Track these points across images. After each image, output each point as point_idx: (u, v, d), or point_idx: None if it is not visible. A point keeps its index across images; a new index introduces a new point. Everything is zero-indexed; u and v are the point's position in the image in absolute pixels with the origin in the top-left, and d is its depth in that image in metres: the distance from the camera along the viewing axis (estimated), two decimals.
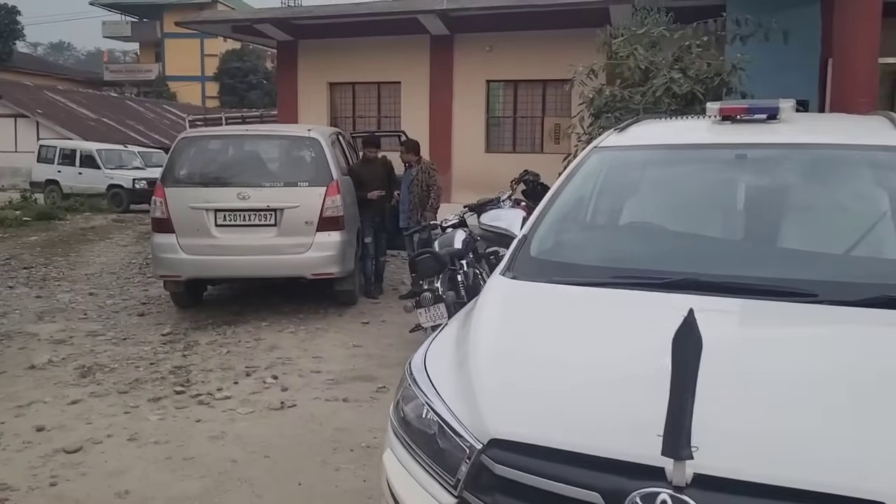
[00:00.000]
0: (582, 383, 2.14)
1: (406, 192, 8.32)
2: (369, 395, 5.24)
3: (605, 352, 2.28)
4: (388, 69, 15.03)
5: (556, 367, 2.24)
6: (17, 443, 4.36)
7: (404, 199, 8.37)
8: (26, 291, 8.75)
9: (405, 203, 8.35)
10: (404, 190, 8.35)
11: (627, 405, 1.94)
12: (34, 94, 33.39)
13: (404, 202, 8.37)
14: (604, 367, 2.20)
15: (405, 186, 8.32)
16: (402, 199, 8.40)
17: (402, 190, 8.36)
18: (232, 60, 47.01)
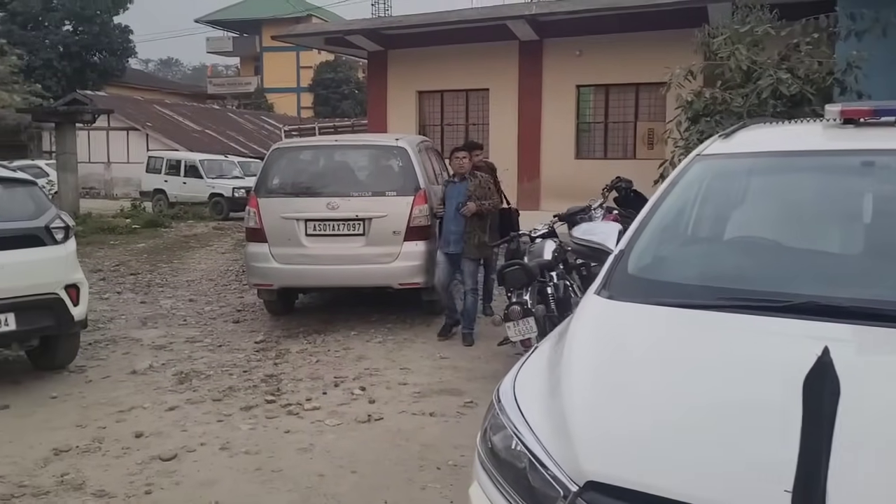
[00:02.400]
0: (691, 422, 1.93)
1: (453, 213, 6.85)
2: (456, 409, 5.14)
3: (717, 386, 2.06)
4: (476, 76, 14.97)
5: (660, 402, 2.04)
6: (117, 448, 4.49)
7: (452, 221, 6.87)
8: (132, 297, 9.13)
9: (454, 224, 6.86)
10: (451, 209, 6.87)
11: (745, 451, 1.73)
12: (144, 108, 35.18)
13: (454, 223, 6.86)
14: (716, 404, 1.98)
15: (453, 203, 6.86)
16: (449, 220, 6.90)
17: (448, 210, 6.90)
18: (325, 72, 48.20)
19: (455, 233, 6.80)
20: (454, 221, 6.81)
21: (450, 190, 6.94)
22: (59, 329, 5.78)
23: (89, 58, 42.03)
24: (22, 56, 31.49)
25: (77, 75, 40.70)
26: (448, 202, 6.89)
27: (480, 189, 6.81)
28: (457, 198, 6.80)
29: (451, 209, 6.83)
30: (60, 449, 4.46)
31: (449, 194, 6.93)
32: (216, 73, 58.56)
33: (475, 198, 6.73)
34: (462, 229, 6.77)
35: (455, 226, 6.81)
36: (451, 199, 6.85)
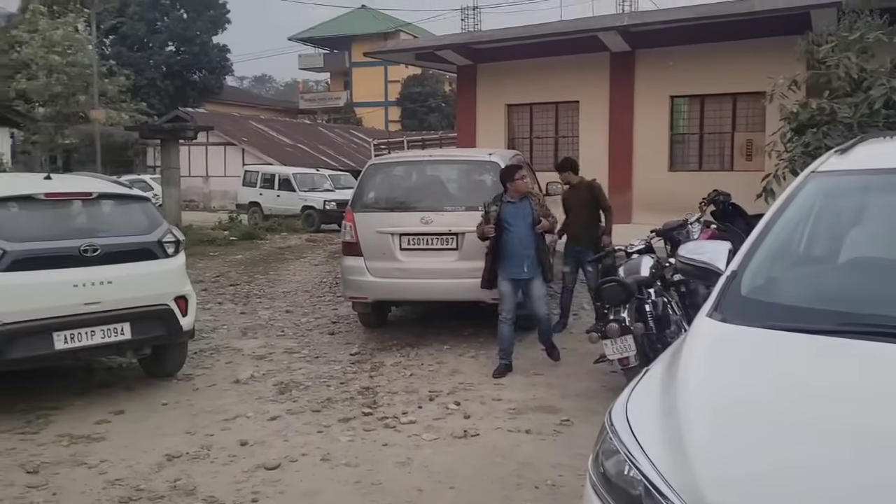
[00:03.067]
0: (815, 452, 1.88)
1: (525, 233, 6.37)
2: (552, 427, 5.10)
3: (847, 417, 1.99)
4: (566, 89, 14.86)
5: (782, 430, 1.98)
6: (224, 456, 4.67)
7: (522, 243, 6.35)
8: (232, 308, 9.48)
9: (525, 246, 6.36)
10: (520, 230, 6.35)
11: (873, 485, 1.67)
12: (240, 124, 36.62)
13: (524, 245, 6.36)
14: (842, 434, 1.91)
15: (521, 224, 6.37)
16: (518, 242, 6.35)
17: (517, 231, 6.34)
18: (413, 86, 48.96)
19: (528, 255, 6.33)
20: (524, 243, 6.34)
21: (509, 210, 6.39)
22: (169, 339, 6.07)
23: (190, 76, 44.15)
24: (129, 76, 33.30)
25: (178, 93, 42.79)
26: (513, 223, 6.35)
27: (542, 208, 6.55)
28: (524, 217, 6.36)
29: (521, 230, 6.34)
30: (172, 455, 4.67)
31: (510, 214, 6.37)
32: (307, 89, 60.30)
33: (538, 217, 6.41)
34: (535, 250, 6.37)
35: (526, 248, 6.34)
36: (517, 219, 6.35)
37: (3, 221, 5.43)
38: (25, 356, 5.29)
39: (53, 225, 5.74)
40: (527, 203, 6.41)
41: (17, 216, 5.58)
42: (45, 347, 5.31)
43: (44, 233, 5.59)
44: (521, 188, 6.41)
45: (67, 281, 5.43)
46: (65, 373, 6.45)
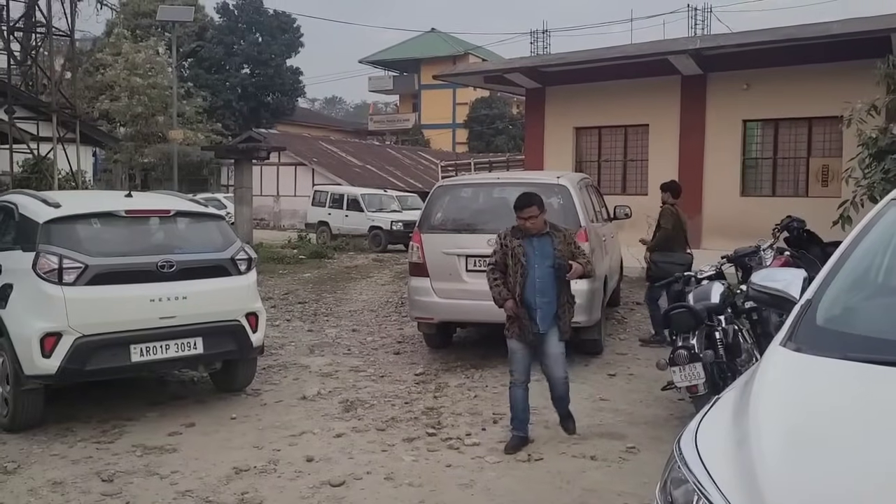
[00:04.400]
0: (892, 489, 1.82)
1: (546, 276, 5.10)
2: (618, 454, 5.01)
3: None
4: (636, 112, 14.72)
5: (858, 464, 1.93)
6: (290, 471, 4.75)
7: (538, 289, 5.11)
8: (300, 325, 9.66)
9: (541, 293, 5.11)
10: (538, 272, 5.10)
11: None
12: (311, 145, 37.49)
13: (540, 292, 5.11)
14: None
15: (540, 264, 5.10)
16: (534, 288, 5.11)
17: (534, 274, 5.10)
18: (481, 108, 49.27)
19: (543, 305, 5.08)
20: (541, 290, 5.07)
21: (527, 248, 5.10)
22: (239, 354, 6.22)
23: (263, 98, 45.53)
24: (206, 98, 34.60)
25: (252, 114, 44.18)
26: (528, 263, 5.08)
27: (568, 247, 5.18)
28: (542, 258, 5.08)
29: (537, 272, 5.06)
30: (240, 468, 4.77)
31: (525, 252, 5.09)
32: (376, 111, 61.40)
33: (563, 259, 5.08)
34: (555, 299, 5.12)
35: (542, 295, 5.08)
36: (533, 258, 5.08)
37: (85, 237, 5.69)
38: (104, 367, 5.50)
39: (133, 241, 5.98)
40: (547, 240, 5.11)
41: (98, 232, 5.85)
42: (122, 359, 5.51)
43: (123, 248, 5.82)
44: (528, 228, 5.09)
45: (145, 296, 5.64)
46: (139, 385, 6.68)
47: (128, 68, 28.27)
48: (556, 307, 5.13)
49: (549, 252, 5.09)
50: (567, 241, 5.20)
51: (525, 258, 5.09)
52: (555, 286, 5.11)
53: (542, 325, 5.12)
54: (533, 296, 5.10)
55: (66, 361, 5.23)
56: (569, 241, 5.22)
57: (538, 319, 5.11)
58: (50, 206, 5.75)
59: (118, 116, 28.85)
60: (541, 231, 5.11)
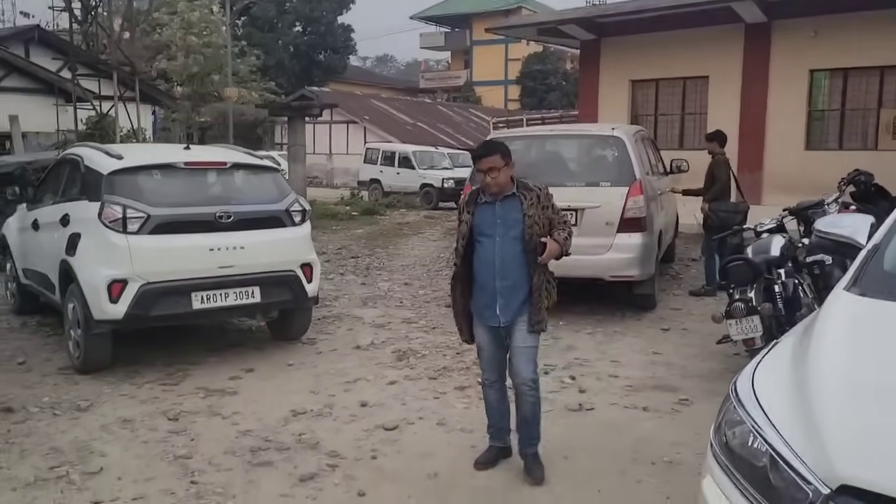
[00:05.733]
0: None
1: (485, 255, 3.85)
2: (671, 406, 4.99)
3: None
4: (695, 63, 14.26)
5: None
6: (345, 415, 4.87)
7: (498, 268, 3.81)
8: (353, 279, 9.80)
9: (503, 274, 3.81)
10: (495, 247, 3.82)
11: None
12: (362, 103, 37.53)
13: (501, 272, 3.81)
14: None
15: (502, 236, 3.81)
16: (489, 266, 3.84)
17: (489, 247, 3.83)
18: (533, 63, 48.44)
19: (505, 289, 3.82)
20: (502, 267, 3.80)
21: (484, 215, 3.85)
22: (295, 303, 6.35)
23: (315, 56, 45.61)
24: (259, 56, 34.79)
25: (304, 73, 44.33)
26: (487, 233, 3.83)
27: (542, 212, 3.79)
28: (506, 226, 3.79)
29: (497, 246, 3.80)
30: (297, 411, 4.91)
31: (484, 221, 3.84)
32: (428, 68, 60.91)
33: (537, 228, 3.75)
34: (525, 282, 3.82)
35: (502, 276, 3.81)
36: (494, 228, 3.81)
37: (146, 188, 5.84)
38: (167, 314, 5.69)
39: (191, 192, 6.11)
40: (515, 204, 3.79)
41: (159, 183, 5.98)
42: (184, 306, 5.69)
43: (183, 199, 5.96)
44: (484, 186, 3.81)
45: (204, 245, 5.78)
46: (200, 332, 6.90)
47: (183, 27, 28.58)
48: (526, 292, 3.82)
49: (515, 219, 3.76)
50: (542, 203, 3.79)
51: (476, 228, 3.84)
52: (524, 266, 3.78)
53: (504, 315, 3.86)
54: (490, 278, 3.82)
55: (131, 307, 5.43)
56: (544, 203, 3.80)
57: (498, 310, 3.85)
58: (113, 158, 5.91)
59: (175, 76, 29.27)
60: (504, 191, 3.77)
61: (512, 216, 3.78)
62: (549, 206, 3.83)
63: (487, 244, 3.83)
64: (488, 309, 3.90)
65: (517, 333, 3.90)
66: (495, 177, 3.73)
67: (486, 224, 3.83)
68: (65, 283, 5.88)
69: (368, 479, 3.95)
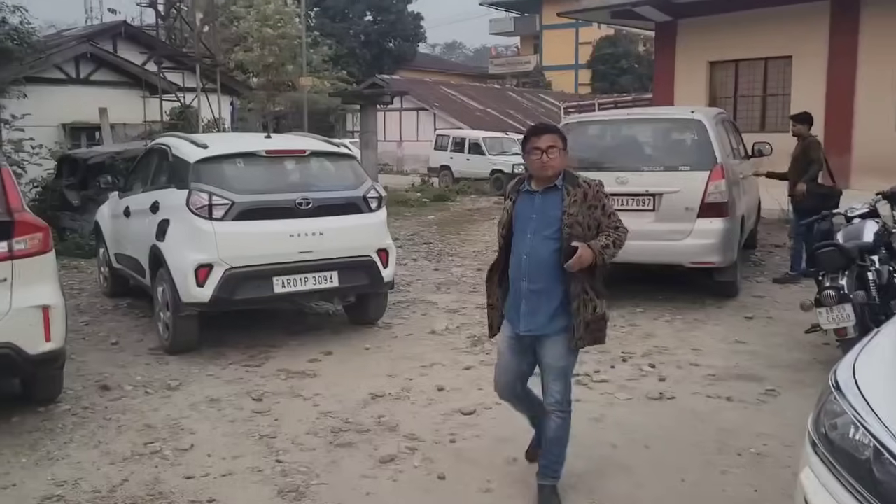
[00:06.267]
0: None
1: (519, 252, 3.45)
2: (756, 396, 4.85)
3: None
4: (777, 43, 13.73)
5: None
6: (423, 399, 4.92)
7: (526, 270, 3.41)
8: (426, 264, 9.87)
9: (534, 277, 3.39)
10: (527, 244, 3.41)
11: None
12: (432, 90, 37.62)
13: (530, 275, 3.40)
14: None
15: (534, 233, 3.40)
16: (521, 267, 3.43)
17: (521, 244, 3.43)
18: (605, 47, 47.54)
19: (538, 292, 3.38)
20: (535, 268, 3.38)
21: (524, 205, 3.46)
22: (371, 288, 6.44)
23: (385, 45, 45.91)
24: (331, 46, 35.24)
25: (375, 61, 44.69)
26: (524, 228, 3.43)
27: (588, 211, 3.35)
28: (545, 222, 3.37)
29: (532, 243, 3.38)
30: (376, 394, 4.99)
31: (523, 212, 3.45)
32: (497, 54, 60.53)
33: (579, 230, 3.30)
34: (553, 289, 3.37)
35: (535, 278, 3.38)
36: (530, 223, 3.41)
37: (230, 175, 6.01)
38: (250, 297, 5.86)
39: (272, 179, 6.26)
40: (555, 198, 3.36)
41: (242, 171, 6.15)
42: (266, 290, 5.85)
43: (264, 186, 6.11)
44: (536, 167, 3.38)
45: (285, 231, 5.92)
46: (280, 315, 7.08)
47: (259, 20, 29.13)
48: (559, 302, 3.36)
49: (553, 216, 3.33)
50: (590, 202, 3.33)
51: (514, 218, 3.45)
52: (556, 269, 3.32)
53: (527, 323, 3.40)
54: (517, 278, 3.43)
55: (217, 291, 5.62)
56: (592, 202, 3.33)
57: (520, 315, 3.41)
58: (199, 147, 6.11)
59: (251, 67, 29.89)
60: (550, 180, 3.36)
61: (550, 212, 3.33)
62: (598, 205, 3.34)
63: (520, 239, 3.42)
64: (513, 310, 3.48)
65: (548, 348, 3.44)
66: (554, 156, 3.30)
67: (524, 216, 3.42)
68: (154, 267, 6.12)
69: (448, 463, 3.99)
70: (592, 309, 3.38)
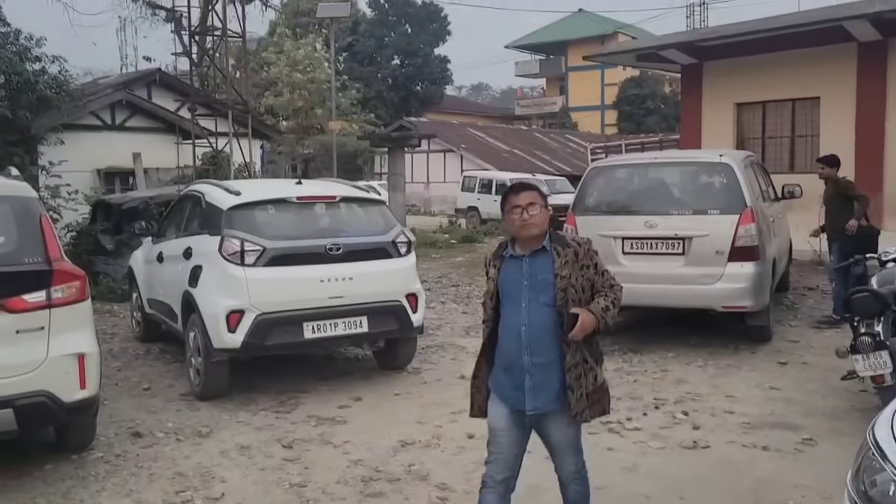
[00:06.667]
0: None
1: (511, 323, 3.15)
2: (793, 445, 4.75)
3: None
4: (805, 84, 13.71)
5: None
6: (453, 447, 4.89)
7: (511, 336, 3.14)
8: (455, 307, 9.87)
9: (529, 349, 3.09)
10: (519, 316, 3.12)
11: None
12: (459, 131, 38.01)
13: (525, 347, 3.09)
14: None
15: (528, 303, 3.11)
16: (514, 338, 3.12)
17: (513, 315, 3.14)
18: (630, 88, 47.83)
19: (539, 367, 3.09)
20: (531, 343, 3.09)
21: (510, 271, 3.17)
22: (401, 333, 6.45)
23: (413, 87, 46.62)
24: (360, 89, 35.89)
25: (402, 103, 45.35)
26: (513, 295, 3.14)
27: (580, 271, 3.11)
28: (538, 290, 3.09)
29: (530, 313, 3.09)
30: (406, 441, 4.97)
31: (510, 279, 3.16)
32: (523, 95, 61.13)
33: (573, 293, 3.07)
34: (558, 359, 3.09)
35: (535, 352, 3.09)
36: (521, 290, 3.12)
37: (262, 222, 6.11)
38: (280, 342, 5.91)
39: (303, 225, 6.36)
40: (545, 260, 3.11)
41: (273, 217, 6.25)
42: (296, 336, 5.89)
43: (295, 232, 6.20)
44: (518, 226, 3.12)
45: (315, 276, 5.98)
46: (310, 360, 7.10)
47: (289, 65, 29.85)
48: (564, 372, 3.07)
49: (545, 280, 3.08)
50: (581, 261, 3.11)
51: (502, 288, 3.17)
52: (560, 338, 3.05)
53: (536, 400, 3.10)
54: (517, 352, 3.10)
55: (248, 336, 5.67)
56: (584, 262, 3.11)
57: (526, 392, 3.10)
58: (232, 194, 6.22)
59: (281, 111, 30.55)
60: (536, 241, 3.12)
61: (541, 276, 3.09)
62: (590, 264, 3.14)
63: (513, 309, 3.12)
64: (515, 389, 3.13)
65: (554, 426, 3.18)
66: (535, 213, 3.07)
67: (513, 284, 3.14)
68: (187, 312, 6.20)
69: None
70: (593, 378, 3.14)
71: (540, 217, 3.10)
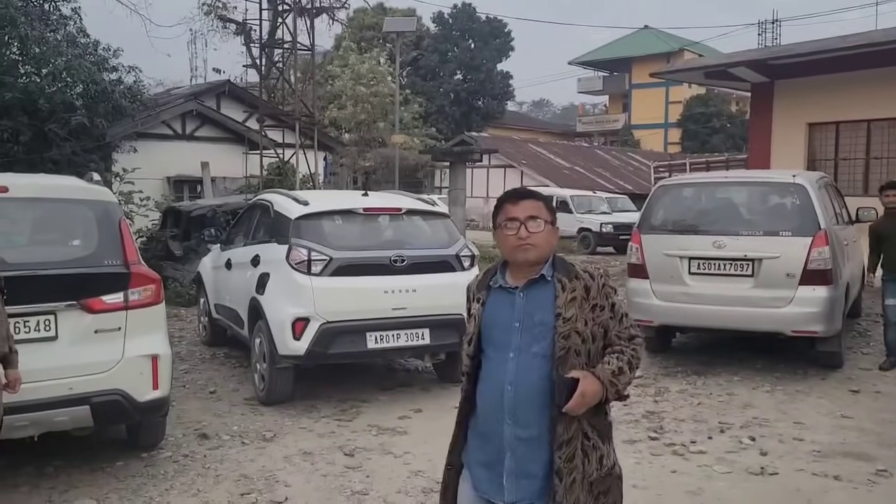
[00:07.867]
0: None
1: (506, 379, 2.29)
2: (866, 476, 4.58)
3: None
4: (881, 104, 13.24)
5: None
6: None
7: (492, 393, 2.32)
8: None
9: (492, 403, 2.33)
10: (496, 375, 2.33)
11: None
12: (519, 147, 37.99)
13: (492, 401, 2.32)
14: None
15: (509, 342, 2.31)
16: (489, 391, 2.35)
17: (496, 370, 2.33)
18: (696, 106, 46.99)
19: (523, 443, 2.29)
20: (515, 407, 2.29)
21: (497, 306, 2.37)
22: (461, 346, 6.44)
23: (474, 102, 46.80)
24: (422, 104, 36.23)
25: (464, 118, 45.56)
26: (495, 339, 2.35)
27: (592, 313, 2.30)
28: (529, 333, 2.30)
29: (518, 365, 2.30)
30: None
31: (494, 318, 2.37)
32: (585, 112, 60.75)
33: (578, 341, 2.26)
34: (548, 432, 2.27)
35: (519, 422, 2.29)
36: (506, 331, 2.33)
37: (329, 232, 6.22)
38: (344, 352, 5.98)
39: (368, 236, 6.44)
40: (547, 296, 2.32)
41: (340, 227, 6.36)
42: (359, 345, 5.95)
43: (361, 243, 6.29)
44: (512, 245, 2.33)
45: (379, 287, 6.04)
46: (371, 370, 7.17)
47: (353, 78, 30.35)
48: (553, 452, 2.25)
49: (544, 323, 2.29)
50: (594, 300, 2.31)
51: (484, 329, 2.38)
52: (549, 404, 2.26)
53: (514, 490, 2.29)
54: (498, 420, 2.32)
55: (312, 344, 5.76)
56: (597, 301, 2.31)
57: (504, 477, 2.30)
58: (300, 204, 6.35)
59: (344, 123, 31.05)
60: (534, 268, 2.34)
61: (539, 317, 2.28)
62: (605, 304, 2.31)
63: (497, 361, 2.32)
64: (488, 469, 2.34)
65: None
66: (537, 231, 2.30)
67: (500, 325, 2.33)
68: (253, 319, 6.34)
69: None
70: (598, 460, 2.30)
71: (543, 237, 2.31)
